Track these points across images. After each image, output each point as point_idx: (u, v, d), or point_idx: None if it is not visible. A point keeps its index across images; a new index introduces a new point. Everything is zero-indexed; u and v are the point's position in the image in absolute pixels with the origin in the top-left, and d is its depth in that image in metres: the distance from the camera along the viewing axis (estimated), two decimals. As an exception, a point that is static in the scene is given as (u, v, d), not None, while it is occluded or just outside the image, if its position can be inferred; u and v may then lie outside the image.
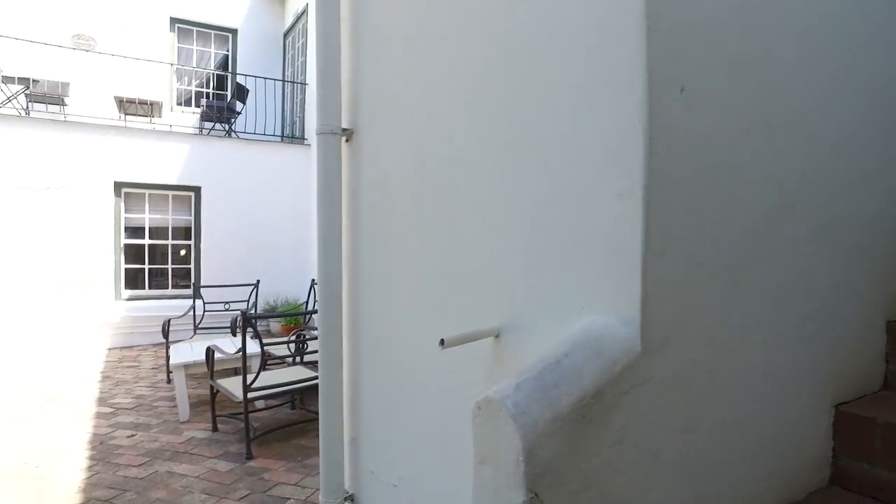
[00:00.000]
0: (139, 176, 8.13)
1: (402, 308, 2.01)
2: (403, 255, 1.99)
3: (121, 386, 5.95)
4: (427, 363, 1.83)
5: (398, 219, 2.04)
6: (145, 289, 8.35)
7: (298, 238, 8.96)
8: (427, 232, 1.82)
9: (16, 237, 7.39)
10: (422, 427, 1.91)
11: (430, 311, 1.82)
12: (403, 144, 2.00)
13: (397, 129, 2.04)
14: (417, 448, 1.94)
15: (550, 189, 1.26)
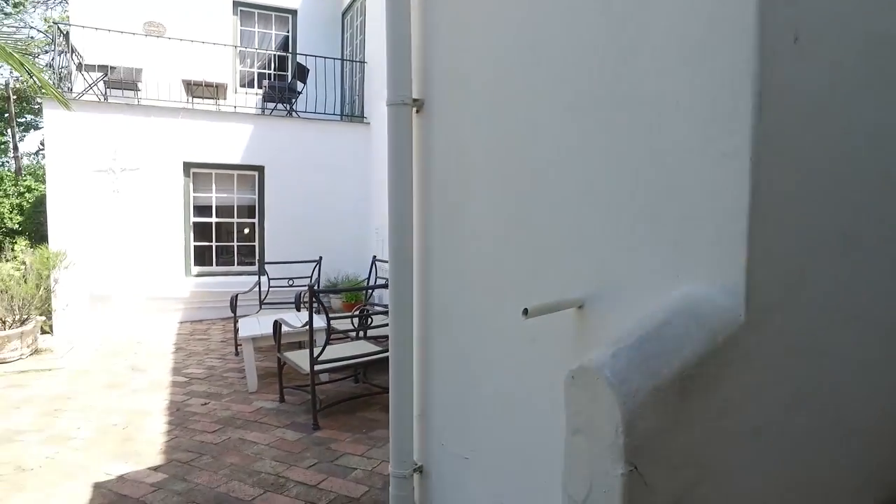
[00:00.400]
0: (206, 156, 8.41)
1: (476, 280, 1.98)
2: (478, 226, 1.96)
3: (193, 357, 6.23)
4: (502, 335, 1.80)
5: (472, 188, 2.00)
6: (212, 265, 8.68)
7: (358, 216, 9.08)
8: (504, 201, 1.78)
9: (96, 216, 7.81)
10: (496, 399, 1.89)
11: (506, 282, 1.78)
12: (479, 112, 1.96)
13: (473, 97, 2.00)
14: (491, 421, 1.92)
15: (645, 152, 1.19)
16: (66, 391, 5.27)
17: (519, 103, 1.69)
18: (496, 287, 1.84)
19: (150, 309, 8.12)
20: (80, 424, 4.36)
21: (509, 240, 1.75)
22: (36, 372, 6.02)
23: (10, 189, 14.22)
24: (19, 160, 17.29)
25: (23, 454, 3.86)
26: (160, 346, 6.87)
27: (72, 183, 7.71)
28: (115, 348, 6.86)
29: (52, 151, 7.74)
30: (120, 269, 7.94)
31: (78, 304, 7.65)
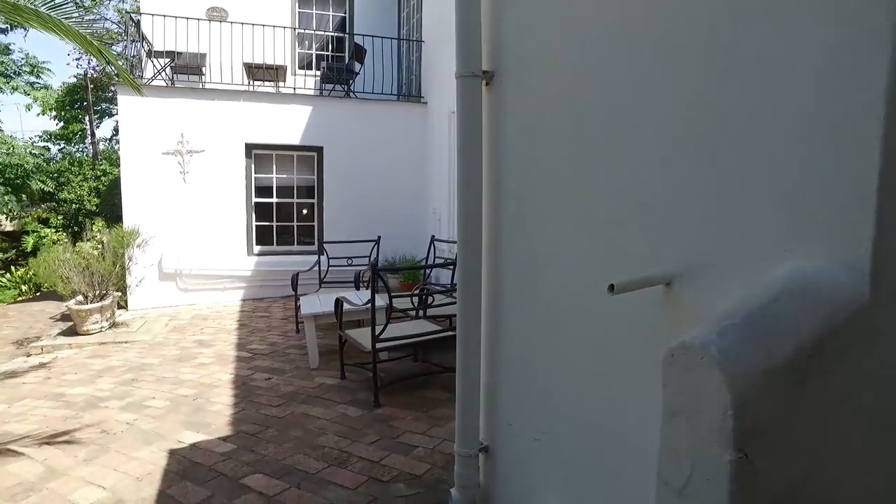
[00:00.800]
0: (267, 138, 8.58)
1: (550, 255, 1.90)
2: (554, 200, 1.87)
3: (256, 334, 6.42)
4: (579, 312, 1.72)
5: (546, 159, 1.92)
6: (273, 245, 8.90)
7: (415, 195, 9.08)
8: (585, 173, 1.69)
9: (165, 197, 8.13)
10: (571, 379, 1.82)
11: (584, 257, 1.70)
12: (554, 81, 1.86)
13: (547, 66, 1.90)
14: (565, 401, 1.85)
15: (750, 114, 1.08)
16: (140, 363, 5.55)
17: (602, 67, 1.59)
18: (573, 263, 1.76)
19: (215, 286, 8.42)
20: (154, 394, 4.57)
21: (588, 213, 1.66)
22: (114, 344, 6.36)
23: (89, 173, 15.01)
24: (96, 146, 18.20)
25: (107, 419, 4.09)
26: (224, 322, 7.12)
27: (143, 165, 8.04)
28: (183, 323, 7.16)
29: (125, 136, 8.09)
30: (187, 247, 8.25)
31: (149, 281, 8.02)
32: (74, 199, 14.42)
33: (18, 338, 7.60)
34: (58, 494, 3.06)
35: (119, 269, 7.18)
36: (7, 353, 6.81)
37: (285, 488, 2.95)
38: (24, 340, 7.31)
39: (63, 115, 18.31)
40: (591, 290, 1.60)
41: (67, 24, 4.30)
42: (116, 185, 12.39)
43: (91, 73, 17.69)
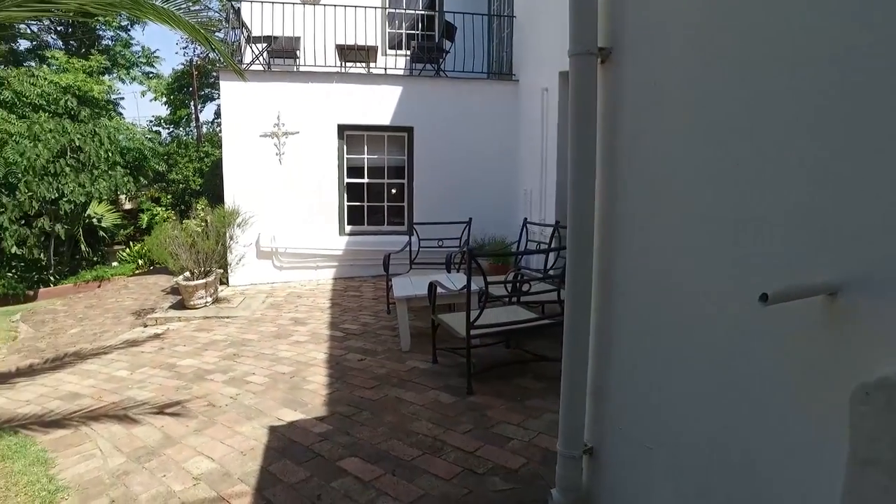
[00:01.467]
0: (358, 118, 8.67)
1: (677, 254, 1.70)
2: (682, 192, 1.66)
3: (348, 313, 6.55)
4: (710, 317, 1.52)
5: (674, 148, 1.70)
6: (364, 224, 9.03)
7: (506, 176, 8.89)
8: (720, 163, 1.47)
9: (262, 178, 8.44)
10: (695, 391, 1.62)
11: (718, 258, 1.49)
12: (687, 56, 1.64)
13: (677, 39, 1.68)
14: (686, 413, 1.66)
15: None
16: (241, 338, 5.80)
17: (750, 40, 1.35)
18: (703, 263, 1.55)
19: (308, 264, 8.69)
20: (254, 370, 4.75)
21: (724, 208, 1.45)
22: (217, 318, 6.71)
23: (193, 155, 15.98)
24: (199, 129, 19.34)
25: (213, 392, 4.29)
26: (318, 301, 7.32)
27: (242, 148, 8.38)
28: (279, 300, 7.44)
29: (226, 119, 8.45)
30: (282, 226, 8.54)
31: (248, 259, 8.39)
32: (181, 179, 15.43)
33: (136, 308, 8.22)
34: (174, 461, 3.23)
35: (221, 248, 7.55)
36: (128, 322, 7.38)
37: (380, 474, 2.94)
38: (142, 311, 7.90)
39: (172, 101, 19.59)
40: (725, 294, 1.40)
41: (178, 15, 4.47)
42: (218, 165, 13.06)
43: (196, 61, 18.75)
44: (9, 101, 11.98)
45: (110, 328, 7.18)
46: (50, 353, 6.19)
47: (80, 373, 5.19)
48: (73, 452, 3.50)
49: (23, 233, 11.05)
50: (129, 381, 4.76)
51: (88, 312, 8.37)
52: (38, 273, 11.79)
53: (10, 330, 7.58)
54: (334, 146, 8.64)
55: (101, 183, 11.70)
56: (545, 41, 7.63)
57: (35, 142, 11.12)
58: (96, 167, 11.73)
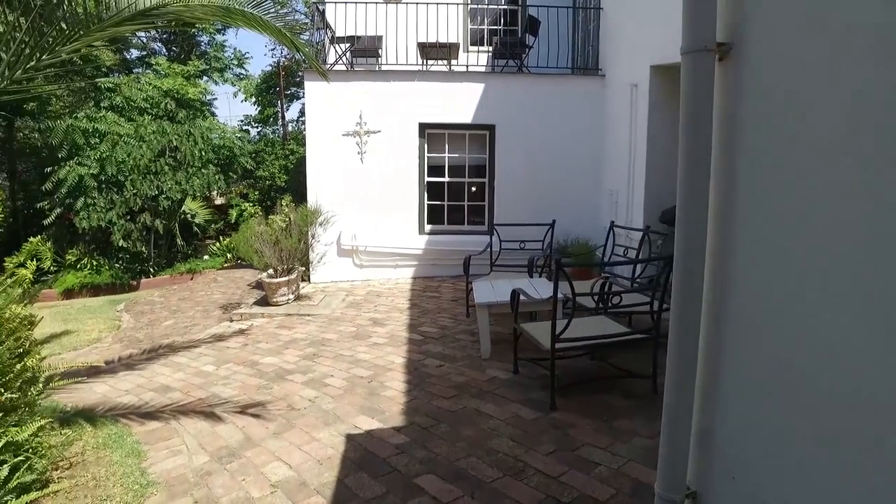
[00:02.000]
0: (439, 117, 8.58)
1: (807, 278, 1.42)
2: (818, 203, 1.39)
3: (426, 315, 6.46)
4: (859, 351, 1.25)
5: (809, 154, 1.43)
6: (444, 224, 8.94)
7: (590, 175, 8.52)
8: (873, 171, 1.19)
9: (344, 177, 8.53)
10: (835, 448, 1.34)
11: (863, 287, 1.21)
12: (826, 56, 1.36)
13: (813, 30, 1.40)
14: (825, 473, 1.39)
15: None
16: (321, 338, 5.85)
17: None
18: (843, 293, 1.28)
19: (388, 263, 8.71)
20: (333, 372, 4.74)
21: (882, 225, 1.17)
22: (298, 316, 6.82)
23: (279, 152, 16.57)
24: (285, 127, 20.04)
25: (292, 393, 4.31)
26: (396, 301, 7.29)
27: (325, 146, 8.50)
28: (358, 299, 7.48)
29: (310, 119, 8.61)
30: (363, 225, 8.60)
31: (329, 256, 8.51)
32: (268, 175, 16.04)
33: (224, 303, 8.56)
34: (253, 465, 3.24)
35: (303, 246, 7.68)
36: (216, 317, 7.69)
37: (459, 496, 2.78)
38: (228, 306, 8.21)
39: (260, 101, 20.41)
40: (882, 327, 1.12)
41: (265, 20, 4.58)
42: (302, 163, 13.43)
43: (283, 62, 19.42)
44: (119, 106, 12.86)
45: (199, 321, 7.50)
46: (146, 343, 6.52)
47: (172, 365, 5.41)
48: (162, 447, 3.61)
49: (128, 227, 11.84)
50: (215, 377, 4.89)
51: (181, 305, 8.81)
52: (140, 265, 12.60)
53: (115, 319, 8.10)
54: (415, 145, 8.60)
55: (195, 180, 12.33)
56: (636, 33, 7.21)
57: (140, 142, 11.87)
58: (191, 165, 12.37)
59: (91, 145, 11.86)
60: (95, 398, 4.62)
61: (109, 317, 8.39)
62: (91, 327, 7.77)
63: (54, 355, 6.28)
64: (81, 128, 11.81)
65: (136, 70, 16.12)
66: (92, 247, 12.33)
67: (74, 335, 7.33)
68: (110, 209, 11.59)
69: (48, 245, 12.37)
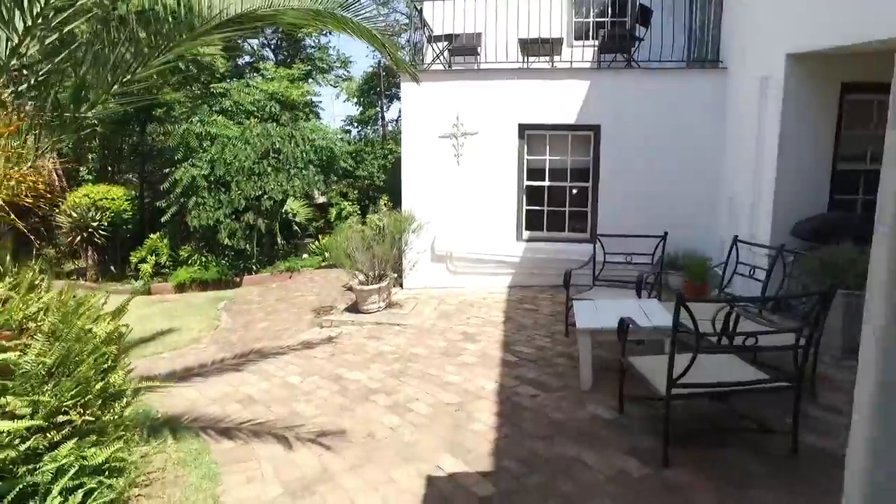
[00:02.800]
0: (540, 117, 8.05)
1: None
2: None
3: (522, 332, 5.99)
4: None
5: None
6: (542, 231, 8.40)
7: (706, 181, 7.64)
8: None
9: (440, 180, 8.24)
10: None
11: None
12: None
13: None
14: None
15: None
16: (409, 352, 5.55)
17: None
18: None
19: (482, 270, 8.31)
20: (418, 395, 4.41)
21: None
22: (388, 325, 6.59)
23: (378, 152, 16.70)
24: (385, 127, 20.24)
25: (374, 419, 4.02)
26: (490, 312, 6.88)
27: (421, 148, 8.25)
28: (450, 309, 7.14)
29: (406, 120, 8.39)
30: (458, 230, 8.27)
31: (421, 262, 8.26)
32: (367, 175, 16.20)
33: (316, 306, 8.56)
34: None
35: (396, 252, 7.46)
36: (307, 321, 7.66)
37: (554, 577, 2.33)
38: (320, 309, 8.18)
39: (361, 101, 20.77)
40: None
41: (356, 22, 4.45)
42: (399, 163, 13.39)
43: (383, 63, 19.62)
44: (229, 110, 13.46)
45: (291, 325, 7.50)
46: (239, 347, 6.57)
47: (260, 373, 5.33)
48: (238, 470, 3.44)
49: (233, 226, 12.32)
50: (298, 391, 4.72)
51: (276, 306, 8.93)
52: (243, 262, 13.09)
53: (215, 318, 8.34)
54: (514, 147, 8.13)
55: (296, 181, 12.61)
56: (769, 18, 6.28)
57: (245, 144, 12.31)
58: (293, 167, 12.67)
59: (203, 148, 12.47)
60: (184, 405, 4.59)
61: (210, 316, 8.65)
62: (193, 325, 8.03)
63: (157, 355, 6.49)
64: (195, 131, 12.44)
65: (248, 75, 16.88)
66: (202, 244, 12.96)
67: (177, 334, 7.58)
68: (218, 208, 12.11)
69: (164, 242, 13.31)
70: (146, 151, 16.40)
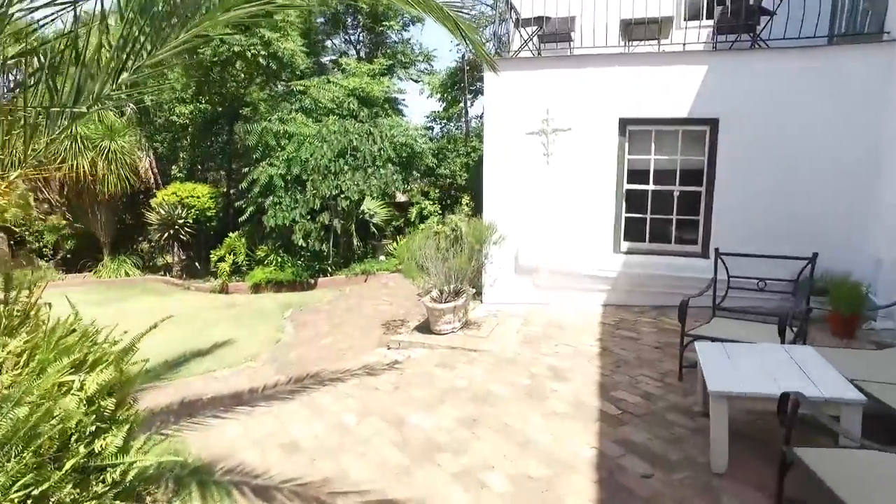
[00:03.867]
0: (644, 110, 6.88)
1: None
2: None
3: (623, 370, 4.92)
4: None
5: None
6: (645, 242, 7.22)
7: (857, 185, 6.18)
8: None
9: (525, 182, 7.29)
10: None
11: None
12: None
13: None
14: None
15: None
16: (486, 390, 4.66)
17: None
18: None
19: (573, 286, 7.27)
20: (494, 459, 3.51)
21: None
22: (462, 351, 5.74)
23: (461, 149, 15.90)
24: (468, 124, 19.41)
25: (435, 493, 3.18)
26: (582, 339, 5.85)
27: (505, 148, 7.34)
28: (536, 332, 6.18)
29: (489, 114, 7.49)
30: (546, 239, 7.29)
31: (503, 275, 7.34)
32: (448, 174, 15.44)
33: (387, 318, 7.87)
34: None
35: (475, 265, 6.58)
36: (374, 338, 6.96)
37: None
38: (391, 324, 7.47)
39: (445, 97, 20.06)
40: None
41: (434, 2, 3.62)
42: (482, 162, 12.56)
43: (468, 56, 18.79)
44: (308, 108, 13.12)
45: (357, 343, 6.83)
46: (296, 369, 5.95)
47: (312, 407, 4.64)
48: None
49: (308, 227, 11.93)
50: (351, 438, 3.96)
51: (345, 317, 8.30)
52: (319, 263, 12.71)
53: (278, 329, 7.84)
54: (613, 144, 7.02)
55: (373, 180, 12.03)
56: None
57: (322, 142, 11.88)
58: (370, 165, 12.10)
59: (281, 146, 12.18)
60: (221, 447, 3.96)
61: (274, 325, 8.16)
62: (255, 336, 7.55)
63: (210, 373, 6.00)
64: (274, 130, 12.17)
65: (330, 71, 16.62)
66: (278, 244, 12.70)
67: (236, 346, 7.12)
68: (294, 208, 11.77)
69: (242, 241, 13.18)
70: (232, 150, 16.55)
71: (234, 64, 14.41)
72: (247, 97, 16.09)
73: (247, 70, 15.11)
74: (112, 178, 14.48)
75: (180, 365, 6.13)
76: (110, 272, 15.42)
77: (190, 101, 16.46)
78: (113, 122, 14.90)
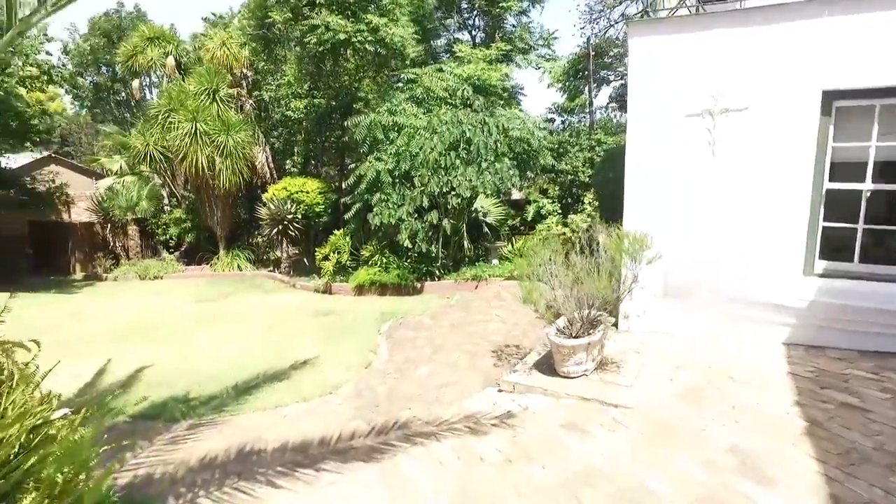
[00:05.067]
0: (865, 77, 4.94)
1: None
2: None
3: (861, 471, 3.21)
4: None
5: None
6: (853, 262, 5.27)
7: None
8: None
9: (681, 180, 5.63)
10: None
11: None
12: None
13: None
14: None
15: None
16: (636, 483, 3.17)
17: None
18: None
19: (741, 315, 5.51)
20: None
21: None
22: (599, 406, 4.26)
23: (584, 143, 14.18)
24: (592, 115, 17.56)
25: None
26: (770, 398, 4.15)
27: (654, 136, 5.72)
28: (698, 382, 4.55)
29: (634, 94, 5.87)
30: (705, 254, 5.59)
31: (645, 298, 5.73)
32: (570, 170, 13.83)
33: (498, 343, 6.54)
34: None
35: (614, 283, 5.05)
36: (483, 371, 5.66)
37: None
38: (503, 352, 6.15)
39: (567, 87, 18.33)
40: None
41: None
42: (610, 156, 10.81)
43: (593, 40, 16.94)
44: (419, 98, 12.13)
45: (461, 376, 5.54)
46: (382, 410, 4.78)
47: (393, 482, 3.42)
48: None
49: (414, 226, 10.92)
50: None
51: (448, 337, 7.04)
52: (426, 265, 11.69)
53: (370, 350, 6.75)
54: (812, 128, 5.15)
55: (486, 176, 10.73)
56: None
57: (432, 134, 10.79)
58: (484, 159, 10.82)
59: (389, 140, 11.27)
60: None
61: (367, 342, 7.10)
62: (342, 357, 6.53)
63: (280, 407, 5.01)
64: (382, 122, 11.28)
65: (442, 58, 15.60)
66: (383, 243, 11.84)
67: (319, 368, 6.12)
68: (400, 205, 10.80)
69: (346, 240, 12.45)
70: (343, 145, 16.09)
71: (343, 54, 13.76)
72: (360, 91, 15.51)
73: (358, 61, 14.46)
74: (227, 173, 14.51)
75: (249, 392, 5.23)
76: (224, 265, 15.58)
77: (305, 95, 16.24)
78: (229, 118, 14.93)
